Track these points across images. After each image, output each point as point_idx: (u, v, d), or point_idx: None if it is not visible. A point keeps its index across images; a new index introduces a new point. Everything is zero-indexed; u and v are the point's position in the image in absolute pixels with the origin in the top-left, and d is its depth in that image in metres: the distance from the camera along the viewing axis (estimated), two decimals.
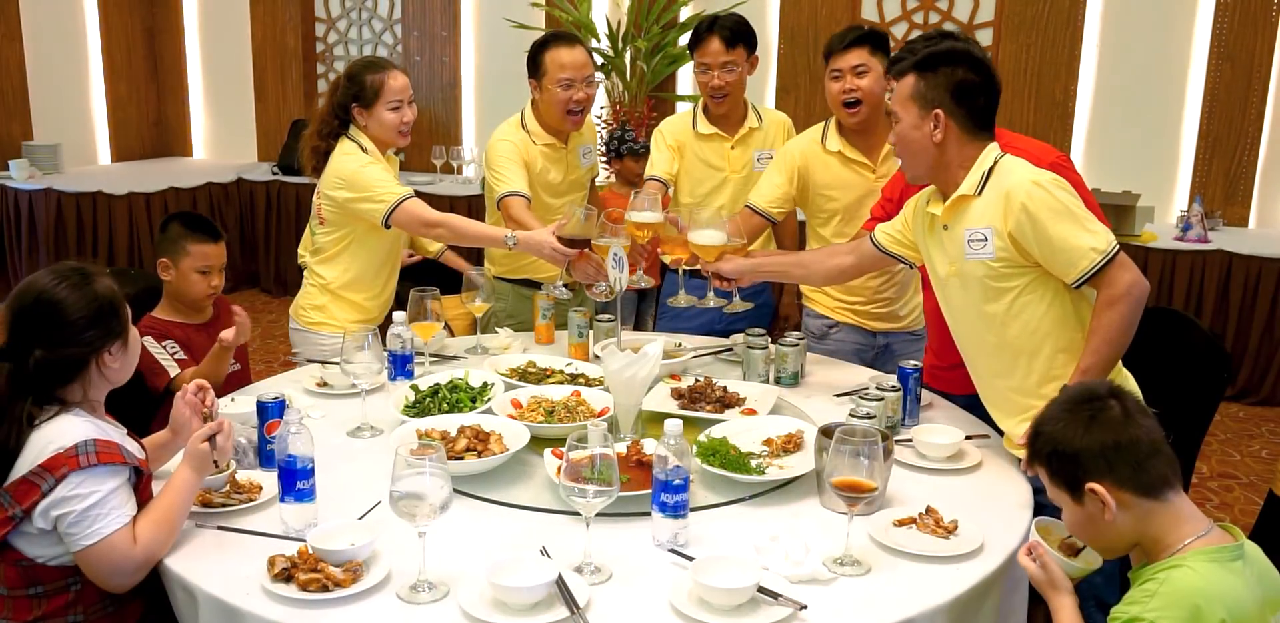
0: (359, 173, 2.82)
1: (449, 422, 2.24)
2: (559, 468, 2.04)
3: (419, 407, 2.38)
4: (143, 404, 2.59)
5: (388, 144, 2.96)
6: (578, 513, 1.74)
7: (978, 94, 2.16)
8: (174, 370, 2.61)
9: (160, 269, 2.71)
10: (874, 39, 2.88)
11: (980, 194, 2.14)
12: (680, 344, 2.90)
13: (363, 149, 2.88)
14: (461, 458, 2.07)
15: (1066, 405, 1.63)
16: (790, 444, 2.19)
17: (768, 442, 2.21)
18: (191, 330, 2.76)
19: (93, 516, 1.73)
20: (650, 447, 2.12)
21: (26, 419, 1.78)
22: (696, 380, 2.51)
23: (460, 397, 2.41)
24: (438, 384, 2.46)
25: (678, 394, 2.46)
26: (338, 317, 2.98)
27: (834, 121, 2.99)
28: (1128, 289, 2.05)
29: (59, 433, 1.77)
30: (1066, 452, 1.59)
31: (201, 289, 2.73)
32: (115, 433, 1.88)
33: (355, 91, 2.88)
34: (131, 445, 1.90)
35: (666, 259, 3.33)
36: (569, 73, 3.04)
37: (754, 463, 2.09)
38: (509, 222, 2.98)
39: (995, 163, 2.16)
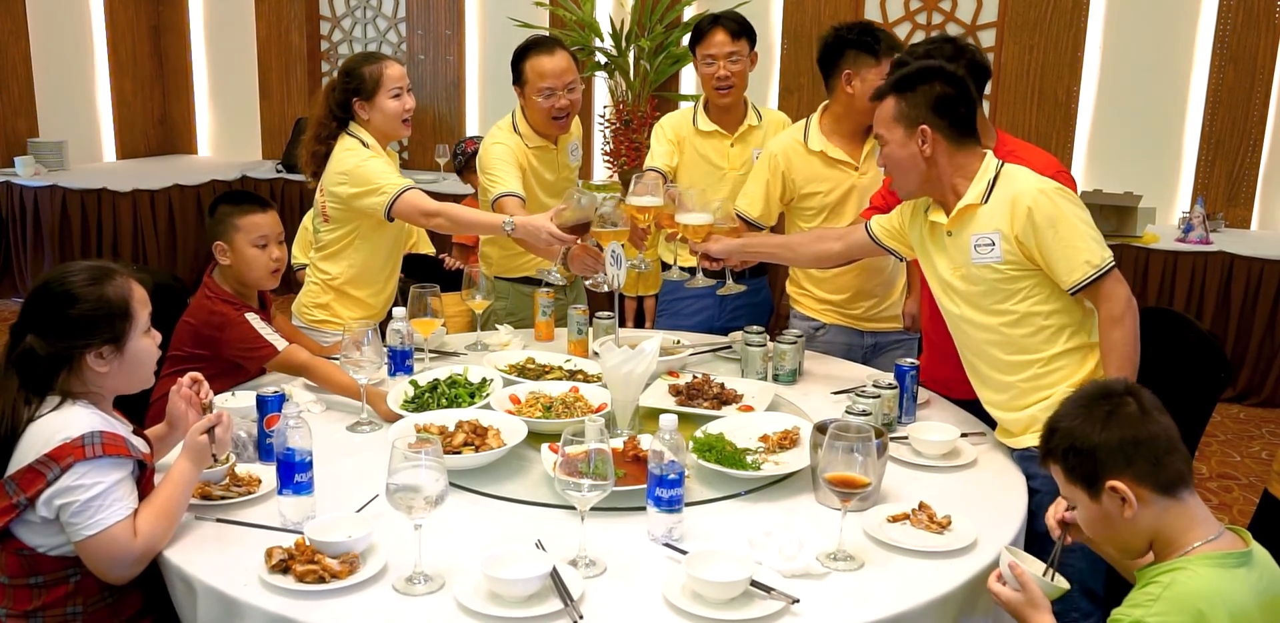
0: (361, 167, 2.83)
1: (447, 417, 2.25)
2: (555, 463, 2.06)
3: (418, 402, 2.40)
4: (144, 400, 2.59)
5: (390, 136, 2.97)
6: (573, 507, 1.75)
7: (957, 104, 2.22)
8: (280, 344, 2.51)
9: (218, 254, 2.59)
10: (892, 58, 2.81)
11: (986, 202, 2.20)
12: (679, 341, 2.91)
13: (364, 144, 2.89)
14: (459, 453, 2.08)
15: (1083, 402, 1.63)
16: (786, 440, 2.20)
17: (764, 438, 2.22)
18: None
19: (95, 506, 1.75)
20: (647, 442, 2.14)
21: (23, 400, 1.80)
22: (695, 377, 2.53)
23: (459, 392, 2.43)
24: (436, 380, 2.48)
25: (675, 391, 2.48)
26: (341, 315, 3.00)
27: (816, 120, 2.99)
28: (1127, 303, 2.13)
29: (65, 423, 1.78)
30: (1084, 448, 1.59)
31: (264, 263, 2.58)
32: (122, 428, 1.89)
33: (355, 85, 2.89)
34: (137, 441, 1.91)
35: (665, 249, 3.37)
36: (549, 81, 3.05)
37: (750, 459, 2.11)
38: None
39: (998, 172, 2.22)
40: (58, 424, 1.78)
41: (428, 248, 4.19)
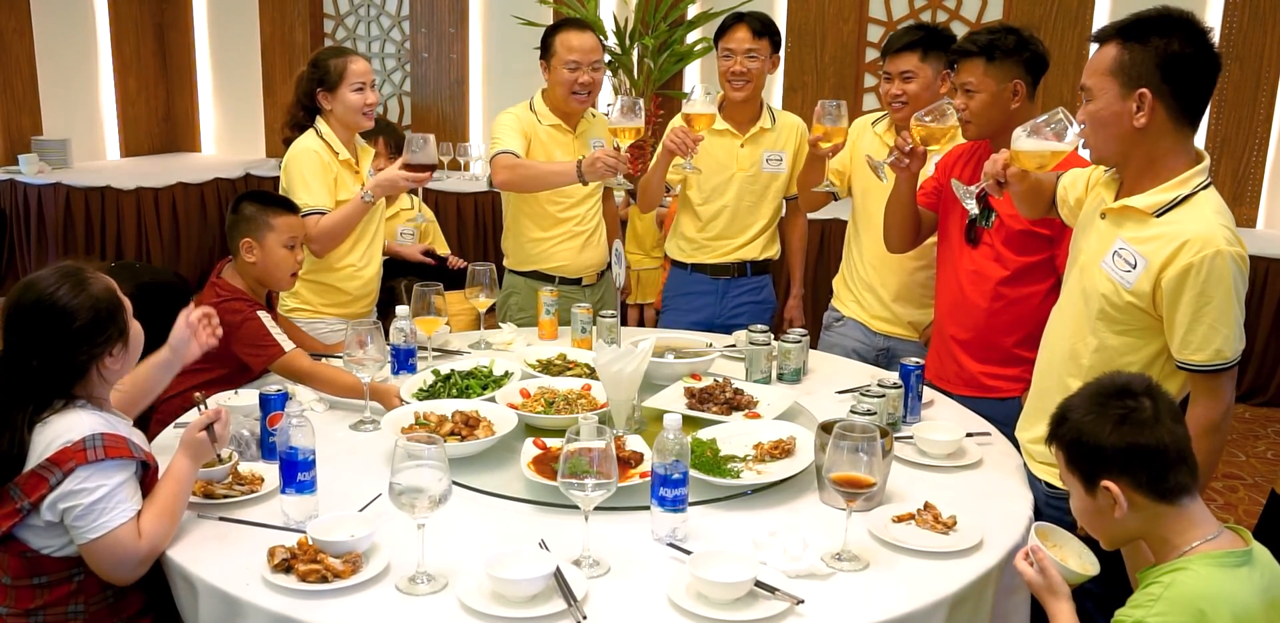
0: (291, 167, 2.96)
1: (449, 406, 2.28)
2: (535, 458, 2.06)
3: (429, 391, 2.43)
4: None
5: (352, 127, 3.04)
6: (577, 507, 1.74)
7: (1194, 71, 1.84)
8: (288, 345, 2.50)
9: (244, 250, 2.58)
10: (929, 42, 2.84)
11: (1158, 217, 1.89)
12: (711, 344, 2.84)
13: (322, 139, 2.97)
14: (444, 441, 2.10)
15: (1099, 398, 1.58)
16: (778, 450, 2.15)
17: (757, 446, 2.17)
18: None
19: (99, 509, 1.74)
20: (633, 443, 2.13)
21: (27, 426, 1.77)
22: (715, 381, 2.49)
23: (470, 383, 2.46)
24: (453, 371, 2.51)
25: (690, 394, 2.45)
26: (312, 302, 3.03)
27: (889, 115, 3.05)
28: (1226, 412, 1.92)
29: (67, 427, 1.77)
30: (1089, 444, 1.56)
31: (290, 264, 2.62)
32: (122, 427, 1.88)
33: (319, 76, 2.97)
34: (138, 439, 1.90)
35: (671, 245, 3.39)
36: (576, 55, 3.13)
37: (733, 467, 2.07)
38: (500, 172, 3.11)
39: (1195, 191, 1.88)
40: (59, 428, 1.77)
41: (443, 248, 4.20)
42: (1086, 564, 1.72)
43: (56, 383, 1.81)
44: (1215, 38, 1.91)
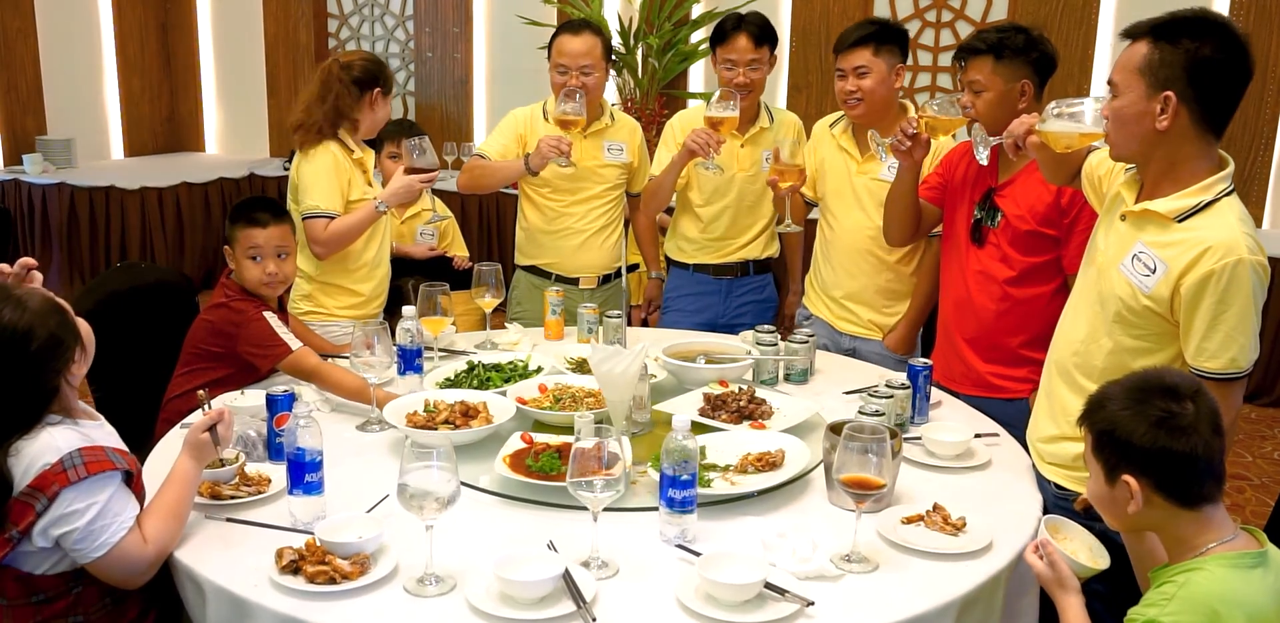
0: (305, 166, 2.94)
1: (460, 396, 2.32)
2: (514, 453, 2.08)
3: (451, 381, 2.50)
4: (142, 404, 2.57)
5: (367, 135, 3.09)
6: (585, 508, 1.74)
7: (1223, 79, 1.80)
8: (295, 344, 2.48)
9: (226, 256, 2.62)
10: (881, 36, 2.88)
11: (1179, 222, 1.86)
12: (750, 351, 2.74)
13: (348, 149, 2.96)
14: (434, 428, 2.17)
15: (1140, 394, 1.55)
16: (761, 462, 2.09)
17: (745, 457, 2.13)
18: None
19: (98, 529, 1.70)
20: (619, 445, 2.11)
21: (4, 456, 1.70)
22: (739, 389, 2.45)
23: (492, 376, 2.50)
24: (479, 362, 2.59)
25: (707, 400, 2.41)
26: (327, 305, 3.03)
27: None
28: (1235, 415, 1.91)
29: (42, 449, 1.70)
30: (1120, 438, 1.54)
31: (255, 275, 2.56)
32: (94, 428, 1.82)
33: (383, 80, 3.01)
34: (112, 439, 1.84)
35: (671, 246, 3.39)
36: (564, 59, 3.18)
37: (707, 476, 2.03)
38: (461, 175, 3.25)
39: (1218, 198, 1.85)
40: (34, 452, 1.70)
41: (461, 250, 4.20)
42: (1097, 558, 1.72)
43: (33, 408, 1.73)
44: None
